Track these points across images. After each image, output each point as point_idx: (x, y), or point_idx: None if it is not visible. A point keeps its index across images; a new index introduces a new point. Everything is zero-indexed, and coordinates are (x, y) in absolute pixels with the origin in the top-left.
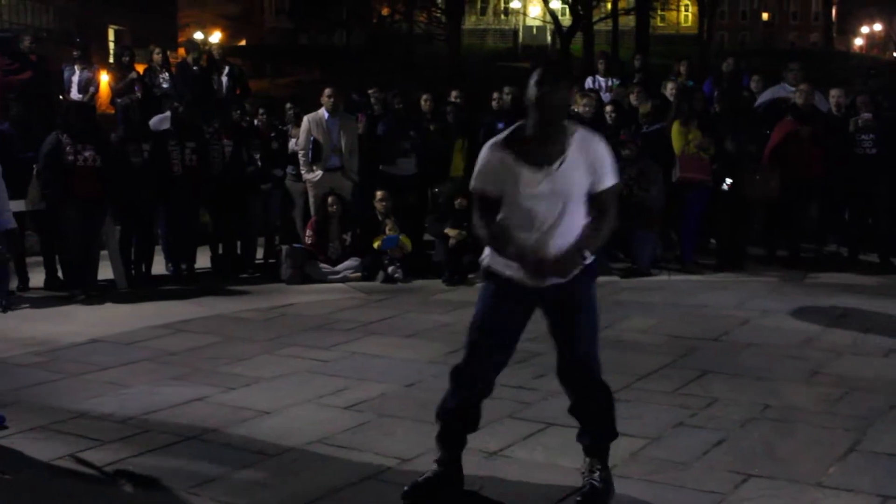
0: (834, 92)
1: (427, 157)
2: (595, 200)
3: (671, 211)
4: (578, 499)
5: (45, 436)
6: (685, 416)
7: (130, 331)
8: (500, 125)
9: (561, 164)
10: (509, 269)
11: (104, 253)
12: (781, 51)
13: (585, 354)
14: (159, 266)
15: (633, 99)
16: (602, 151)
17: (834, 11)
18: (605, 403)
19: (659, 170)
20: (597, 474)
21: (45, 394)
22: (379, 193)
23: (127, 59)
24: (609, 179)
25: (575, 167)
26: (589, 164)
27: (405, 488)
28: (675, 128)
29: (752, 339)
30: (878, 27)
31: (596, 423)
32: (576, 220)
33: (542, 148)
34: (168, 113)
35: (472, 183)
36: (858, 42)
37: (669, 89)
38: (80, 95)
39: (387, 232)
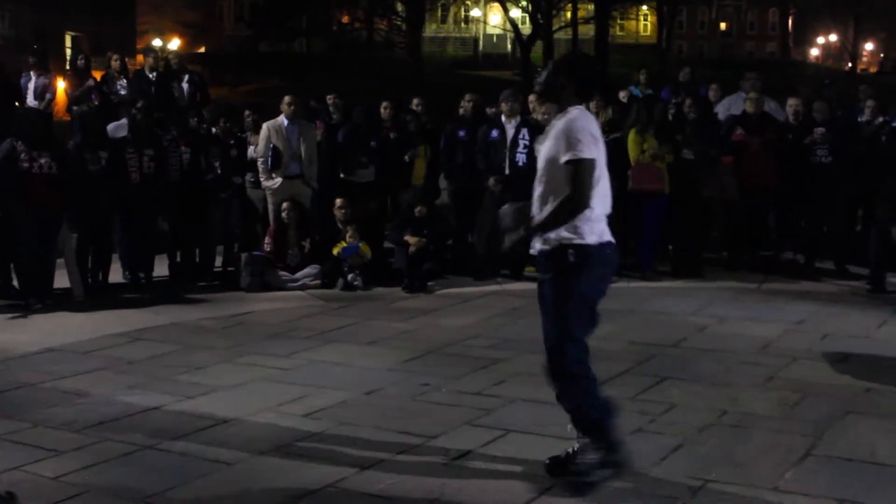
0: (791, 101)
1: (387, 164)
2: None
3: (628, 219)
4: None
5: (1, 445)
6: (644, 421)
7: (87, 339)
8: (462, 133)
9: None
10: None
11: (60, 261)
12: (739, 60)
13: (550, 348)
14: (116, 274)
15: (592, 107)
16: (570, 127)
17: (790, 22)
18: (573, 395)
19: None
20: (588, 454)
21: None
22: (338, 201)
23: (83, 63)
24: (563, 155)
25: (550, 135)
26: (557, 135)
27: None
28: (631, 136)
29: (710, 346)
30: (833, 38)
31: (572, 412)
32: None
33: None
34: (125, 120)
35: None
36: (814, 52)
37: (621, 96)
38: (36, 102)
39: (346, 240)
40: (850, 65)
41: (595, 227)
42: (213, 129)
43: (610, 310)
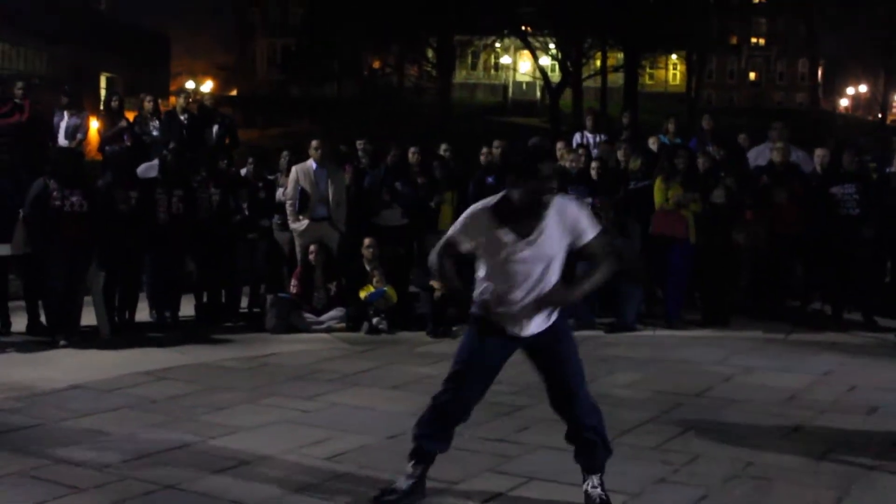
0: (819, 152)
1: (415, 209)
2: (584, 253)
3: (654, 267)
4: None
5: (22, 482)
6: (667, 472)
7: (112, 377)
8: (490, 179)
9: (540, 234)
10: (495, 318)
11: (88, 299)
12: (769, 110)
13: (573, 385)
14: (143, 313)
15: (620, 155)
16: (576, 212)
17: (820, 72)
18: (598, 429)
19: (635, 223)
20: (599, 489)
21: (23, 439)
22: (366, 241)
23: (116, 104)
24: (590, 232)
25: (552, 234)
26: (566, 227)
27: (373, 495)
28: (657, 184)
29: (736, 396)
30: (863, 88)
31: (592, 450)
32: (555, 277)
33: (524, 221)
34: (156, 161)
35: (450, 231)
36: (844, 103)
37: (651, 143)
38: (67, 141)
39: (374, 283)
40: (880, 115)
41: None
42: (243, 171)
43: (636, 358)
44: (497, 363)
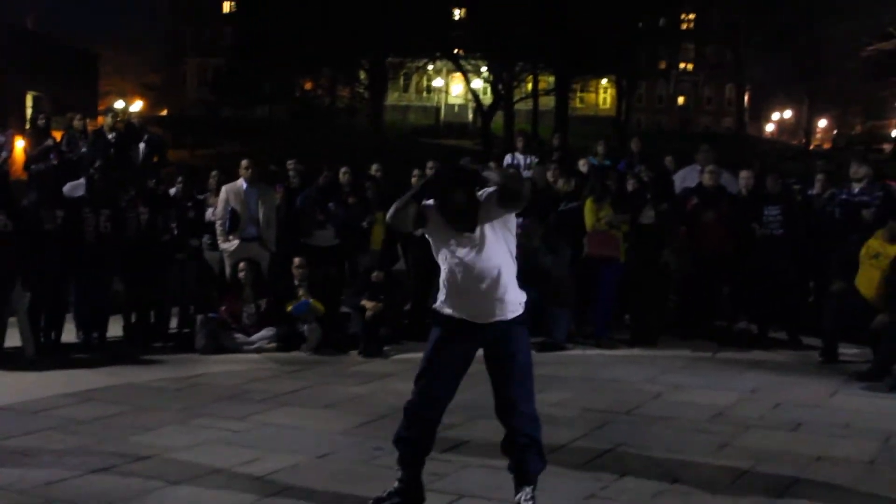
0: (743, 174)
1: (346, 229)
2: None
3: (584, 286)
4: None
5: None
6: (596, 488)
7: (37, 399)
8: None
9: (481, 233)
10: (456, 312)
11: (13, 319)
12: (696, 134)
13: (517, 394)
14: (70, 334)
15: (549, 176)
16: (485, 195)
17: (746, 98)
18: (533, 437)
19: (564, 241)
20: (531, 502)
21: None
22: (296, 260)
23: (43, 123)
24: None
25: (489, 228)
26: (486, 208)
27: (370, 502)
28: (588, 205)
29: (664, 413)
30: (788, 114)
31: (524, 457)
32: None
33: (461, 223)
34: (82, 180)
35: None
36: (770, 128)
37: (581, 165)
38: None
39: (298, 296)
40: (804, 140)
41: None
42: (172, 191)
43: (565, 377)
44: (462, 358)
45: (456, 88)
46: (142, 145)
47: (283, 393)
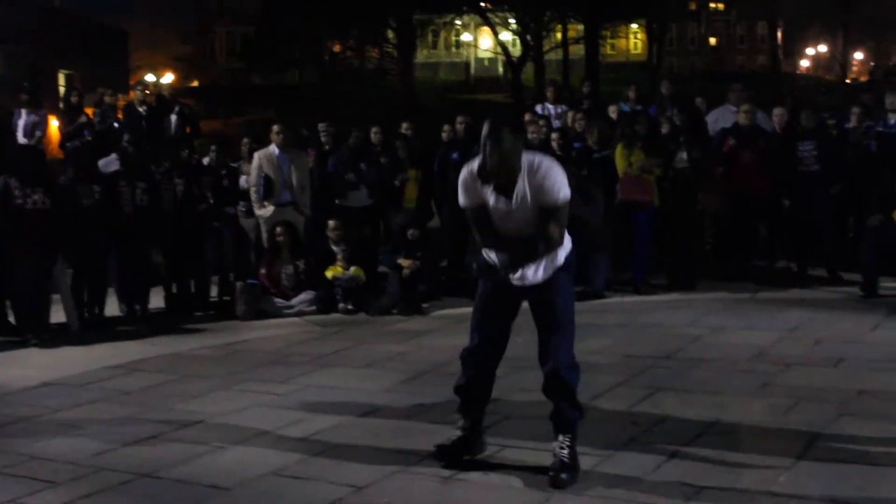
0: (777, 111)
1: (378, 189)
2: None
3: (621, 233)
4: (550, 473)
5: None
6: (637, 432)
7: (83, 372)
8: (454, 156)
9: (518, 198)
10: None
11: (56, 296)
12: (729, 74)
13: (555, 341)
14: (113, 307)
15: (577, 125)
16: (543, 175)
17: (779, 34)
18: (568, 384)
19: (598, 190)
20: (566, 451)
21: None
22: (331, 223)
23: (76, 100)
24: (549, 198)
25: (527, 196)
26: (535, 189)
27: (434, 447)
28: (619, 151)
29: (704, 356)
30: (822, 48)
31: (559, 405)
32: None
33: (500, 186)
34: (114, 155)
35: (460, 200)
36: (805, 63)
37: (610, 111)
38: (26, 139)
39: (339, 263)
40: (840, 74)
41: None
42: (205, 160)
43: (604, 324)
44: (511, 302)
45: (485, 42)
46: (173, 117)
47: (324, 354)
